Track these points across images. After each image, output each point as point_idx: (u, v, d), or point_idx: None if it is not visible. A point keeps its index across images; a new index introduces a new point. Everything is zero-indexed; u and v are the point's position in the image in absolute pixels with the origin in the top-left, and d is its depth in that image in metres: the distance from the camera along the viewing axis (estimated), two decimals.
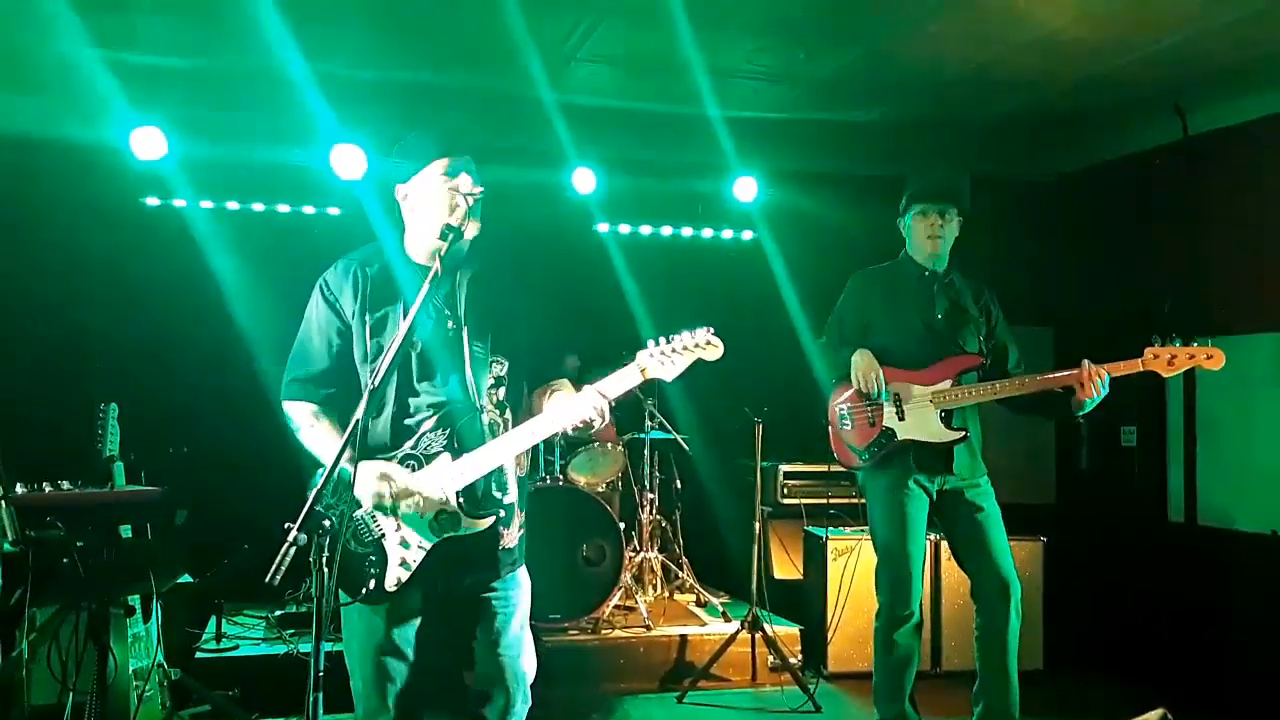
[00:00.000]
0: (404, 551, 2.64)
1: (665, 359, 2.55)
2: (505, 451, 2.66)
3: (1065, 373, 3.72)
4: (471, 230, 2.72)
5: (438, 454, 2.64)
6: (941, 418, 3.88)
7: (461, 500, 2.63)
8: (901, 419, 3.91)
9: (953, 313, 4.00)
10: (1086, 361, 3.66)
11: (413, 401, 2.69)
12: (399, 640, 2.70)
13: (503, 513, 2.73)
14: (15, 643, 3.42)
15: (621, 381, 2.59)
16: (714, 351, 2.57)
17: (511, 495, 2.78)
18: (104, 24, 4.59)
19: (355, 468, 2.54)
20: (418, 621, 2.73)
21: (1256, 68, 4.96)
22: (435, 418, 2.67)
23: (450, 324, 2.71)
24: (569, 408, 2.61)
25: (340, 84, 5.13)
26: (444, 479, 2.62)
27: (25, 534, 3.30)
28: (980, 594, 3.96)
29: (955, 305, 4.01)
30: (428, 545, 2.63)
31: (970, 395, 3.87)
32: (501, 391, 2.76)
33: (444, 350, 2.70)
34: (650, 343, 2.58)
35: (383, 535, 2.65)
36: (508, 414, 2.77)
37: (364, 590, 2.64)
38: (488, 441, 2.66)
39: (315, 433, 2.73)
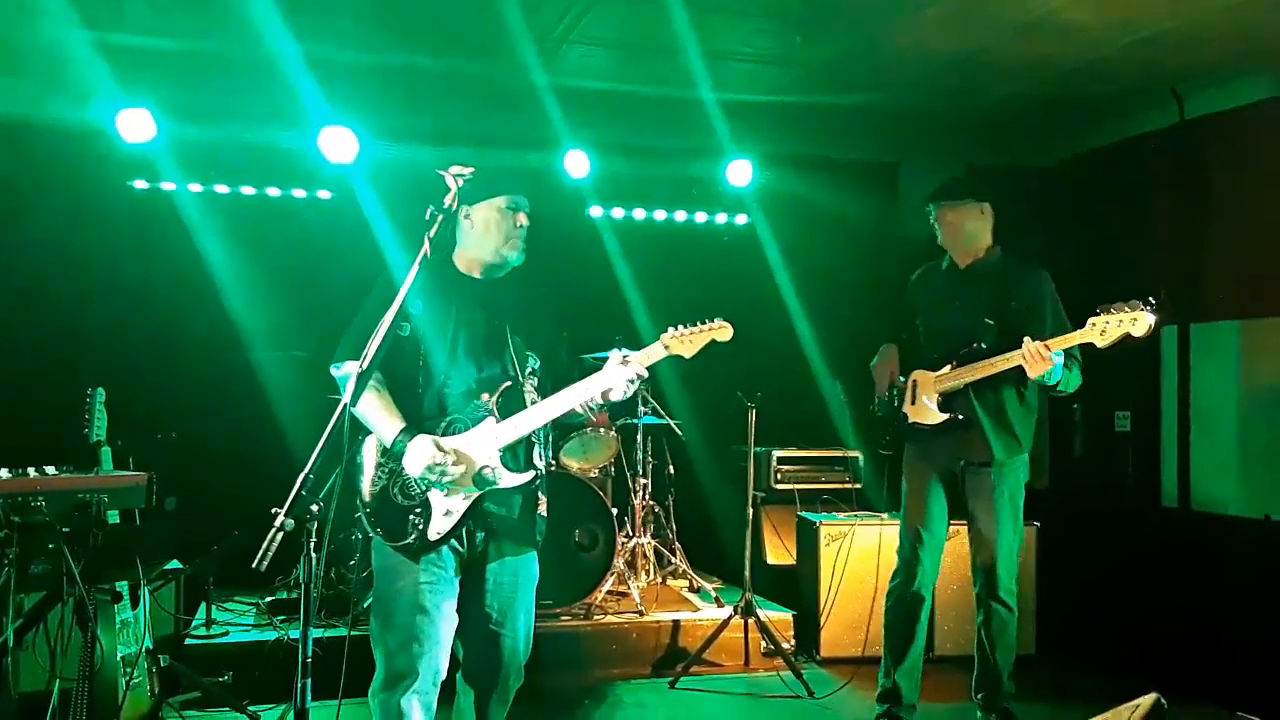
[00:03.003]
0: (448, 501, 2.89)
1: (684, 337, 2.97)
2: (545, 414, 2.96)
3: (1010, 354, 3.74)
4: (514, 250, 3.08)
5: (483, 417, 2.94)
6: (938, 402, 3.98)
7: (502, 456, 2.92)
8: (913, 403, 4.10)
9: (991, 300, 4.01)
10: (1026, 339, 3.69)
11: (461, 376, 2.99)
12: (431, 606, 2.88)
13: (534, 473, 2.99)
14: (2, 629, 3.40)
15: (647, 357, 2.97)
16: (725, 333, 2.98)
17: (542, 463, 3.06)
18: (91, 4, 4.54)
19: (409, 440, 2.86)
20: (452, 589, 2.93)
21: (1252, 52, 4.94)
22: (480, 388, 2.97)
23: (496, 318, 3.05)
24: (609, 374, 2.92)
25: (331, 66, 5.08)
26: (488, 438, 2.92)
27: (10, 519, 3.27)
28: (974, 582, 4.10)
29: (995, 292, 4.02)
30: (471, 496, 2.89)
31: (951, 379, 3.96)
32: (537, 379, 3.08)
33: (489, 338, 3.04)
34: (670, 328, 2.98)
35: (427, 490, 2.90)
36: (539, 398, 3.06)
37: (408, 539, 2.87)
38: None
39: (377, 399, 2.93)
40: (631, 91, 5.80)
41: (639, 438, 5.88)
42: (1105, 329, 3.53)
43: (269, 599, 5.15)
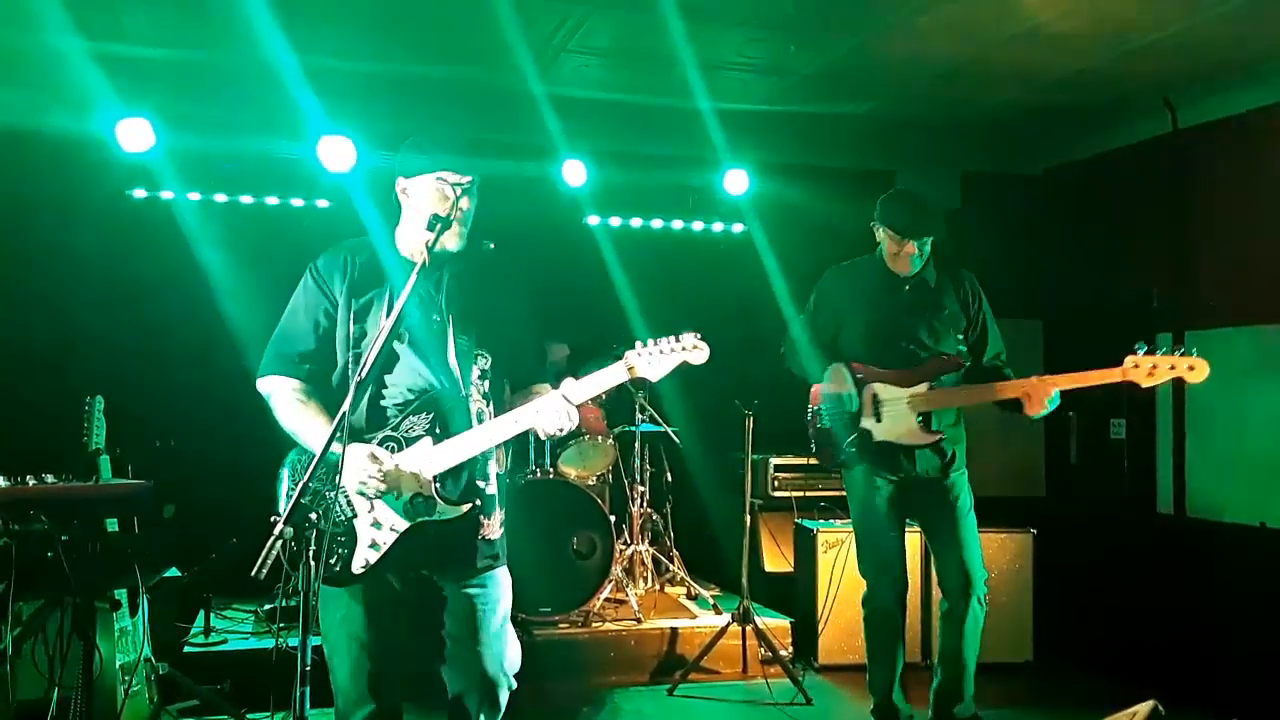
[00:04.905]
0: (374, 533, 2.63)
1: (652, 359, 2.63)
2: (486, 439, 2.67)
3: (1019, 381, 3.77)
4: (453, 241, 2.75)
5: (419, 437, 2.66)
6: (919, 421, 3.93)
7: (438, 485, 2.65)
8: (878, 420, 3.98)
9: (927, 313, 4.01)
10: (1035, 378, 3.70)
11: (395, 386, 2.72)
12: (376, 631, 2.70)
13: (479, 501, 2.74)
14: (1, 637, 3.40)
15: (604, 380, 2.66)
16: (699, 355, 2.64)
17: (492, 487, 2.80)
18: (90, 15, 4.56)
19: (344, 450, 2.57)
20: (396, 612, 2.73)
21: (1245, 61, 4.97)
22: (418, 402, 2.69)
23: (436, 316, 2.75)
24: (546, 412, 2.64)
25: (329, 76, 5.10)
26: (423, 462, 2.64)
27: (9, 527, 3.28)
28: (945, 585, 4.08)
29: (930, 304, 4.01)
30: (400, 528, 2.64)
31: (945, 400, 3.92)
32: (487, 385, 2.78)
33: (429, 339, 2.73)
34: (638, 343, 2.65)
35: (354, 516, 2.65)
36: (492, 407, 2.79)
37: (330, 571, 2.62)
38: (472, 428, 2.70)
39: (302, 411, 2.72)
40: (628, 101, 5.83)
41: (637, 445, 5.89)
42: (1153, 370, 3.52)
43: (268, 606, 5.15)
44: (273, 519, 2.35)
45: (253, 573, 2.29)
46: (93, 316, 5.56)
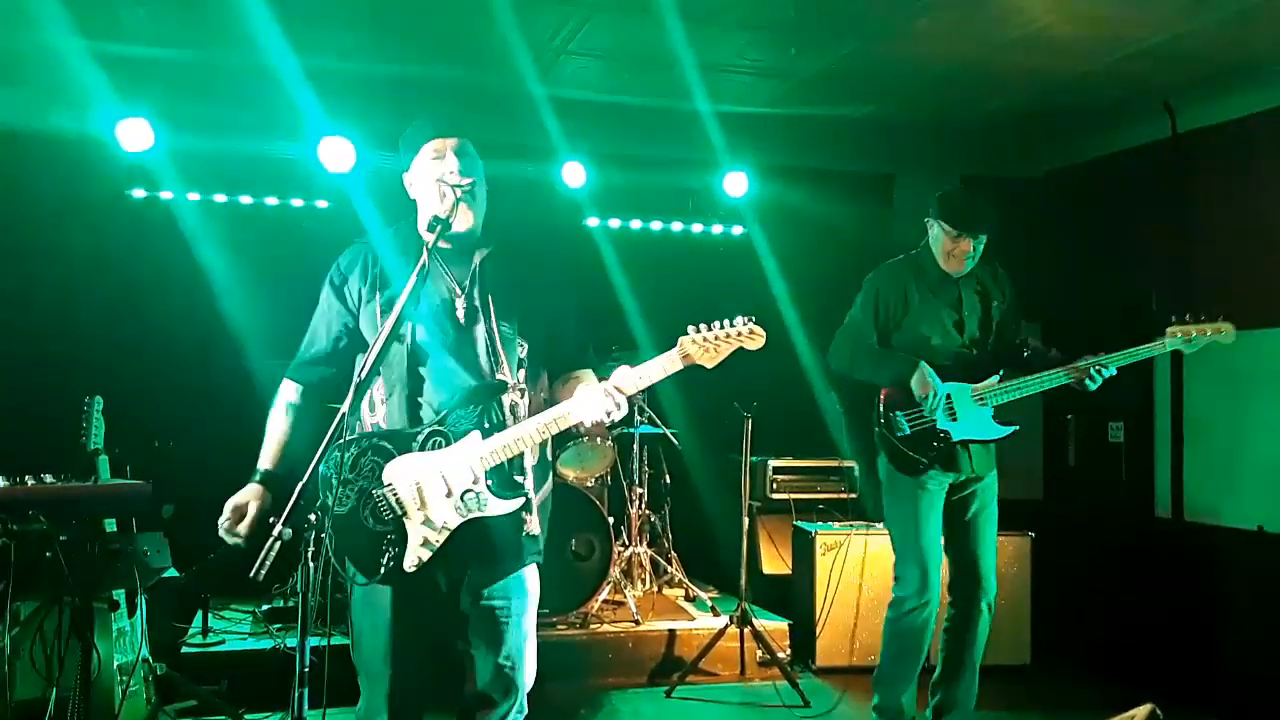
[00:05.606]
0: (427, 531, 2.56)
1: (709, 345, 2.48)
2: (535, 433, 2.58)
3: (1082, 365, 3.85)
4: (463, 221, 2.69)
5: (466, 431, 2.59)
6: (993, 416, 3.93)
7: (490, 481, 2.59)
8: (954, 420, 3.92)
9: (984, 306, 4.04)
10: (1087, 357, 3.82)
11: (440, 381, 2.66)
12: (409, 635, 2.67)
13: (523, 499, 2.67)
14: None
15: (658, 369, 2.54)
16: (756, 341, 2.50)
17: (529, 481, 2.72)
18: (89, 14, 4.56)
19: (343, 451, 2.56)
20: (434, 609, 2.69)
21: (1245, 65, 4.97)
22: (463, 395, 2.63)
23: (475, 303, 2.68)
24: (595, 404, 2.55)
25: (329, 77, 5.11)
26: (473, 457, 2.57)
27: (7, 527, 3.28)
28: (956, 587, 4.04)
29: (985, 300, 4.05)
30: (453, 525, 2.57)
31: (1018, 389, 3.90)
32: (523, 374, 2.72)
33: (468, 330, 2.67)
34: (691, 328, 2.50)
35: (404, 514, 2.58)
36: (527, 398, 2.72)
37: (381, 571, 2.57)
38: (516, 422, 2.64)
39: (276, 416, 2.79)
40: (628, 103, 5.83)
41: (635, 447, 5.89)
42: (1190, 338, 3.82)
43: (265, 607, 5.15)
44: (271, 520, 2.35)
45: (251, 574, 2.29)
46: (92, 316, 5.56)
